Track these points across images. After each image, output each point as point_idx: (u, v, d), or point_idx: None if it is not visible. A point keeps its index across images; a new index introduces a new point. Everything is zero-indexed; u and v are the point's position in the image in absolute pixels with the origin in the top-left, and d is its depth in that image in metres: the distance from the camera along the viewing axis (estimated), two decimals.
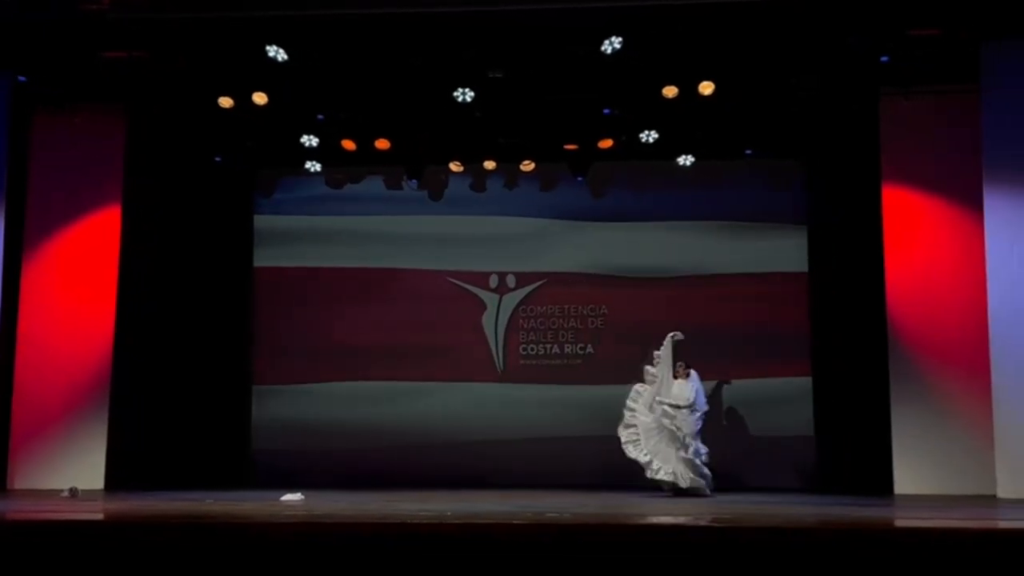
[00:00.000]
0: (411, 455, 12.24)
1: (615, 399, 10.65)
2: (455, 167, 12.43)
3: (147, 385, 11.65)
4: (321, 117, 11.59)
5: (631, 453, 10.41)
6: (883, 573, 5.66)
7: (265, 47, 10.18)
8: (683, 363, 10.58)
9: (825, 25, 9.87)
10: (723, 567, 5.72)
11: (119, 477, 10.97)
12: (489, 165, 12.38)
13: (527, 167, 12.34)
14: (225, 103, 10.88)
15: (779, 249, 12.35)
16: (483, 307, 12.77)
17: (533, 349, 12.70)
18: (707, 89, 10.60)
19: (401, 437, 12.37)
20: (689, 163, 12.03)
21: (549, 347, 12.68)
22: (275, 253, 12.94)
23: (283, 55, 10.25)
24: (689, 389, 10.41)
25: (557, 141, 11.96)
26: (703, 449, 10.38)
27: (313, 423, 12.52)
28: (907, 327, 10.75)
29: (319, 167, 12.43)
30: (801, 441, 11.87)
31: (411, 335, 12.60)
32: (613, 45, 10.07)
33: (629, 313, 12.46)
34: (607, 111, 11.38)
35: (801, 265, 12.24)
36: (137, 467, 11.27)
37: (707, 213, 12.54)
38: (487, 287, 12.79)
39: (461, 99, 10.86)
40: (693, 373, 10.60)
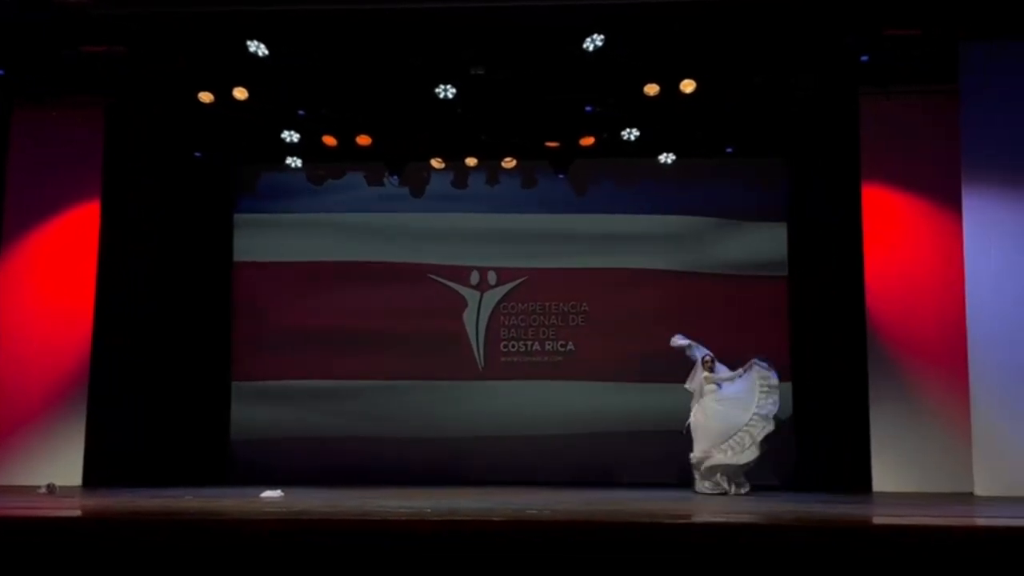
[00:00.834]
0: (390, 452, 12.21)
1: (596, 396, 10.60)
2: (437, 164, 12.39)
3: (126, 381, 11.55)
4: (302, 113, 11.53)
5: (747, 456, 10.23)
6: (861, 570, 5.67)
7: (246, 42, 10.14)
8: (710, 355, 10.58)
9: (807, 24, 9.88)
10: (700, 564, 5.72)
11: (97, 473, 10.89)
12: (471, 162, 12.35)
13: (509, 164, 12.31)
14: (205, 98, 10.82)
15: (759, 247, 12.38)
16: (464, 304, 12.75)
17: (514, 346, 12.69)
18: (688, 87, 10.61)
19: (381, 434, 12.35)
20: (670, 161, 12.05)
21: (530, 344, 12.67)
22: (255, 249, 12.86)
23: (264, 50, 10.21)
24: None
25: (539, 138, 11.93)
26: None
27: (292, 419, 12.46)
28: (886, 325, 10.79)
29: (300, 163, 12.37)
30: (780, 439, 11.87)
31: (391, 332, 12.57)
32: (595, 43, 10.07)
33: (610, 310, 12.46)
34: (589, 109, 11.38)
35: (781, 263, 12.28)
36: (115, 463, 11.19)
37: (688, 210, 12.54)
38: (468, 284, 12.76)
39: (443, 96, 10.84)
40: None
